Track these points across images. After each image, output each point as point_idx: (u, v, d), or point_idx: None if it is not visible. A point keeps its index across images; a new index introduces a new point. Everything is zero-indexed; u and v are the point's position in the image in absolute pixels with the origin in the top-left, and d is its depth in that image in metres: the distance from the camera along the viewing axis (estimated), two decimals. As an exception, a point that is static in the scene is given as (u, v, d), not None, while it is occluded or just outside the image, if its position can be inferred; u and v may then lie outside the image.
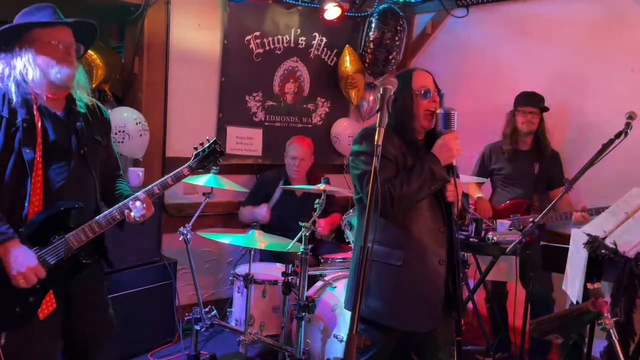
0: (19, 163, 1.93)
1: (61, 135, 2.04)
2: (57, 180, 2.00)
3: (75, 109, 2.10)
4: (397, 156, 2.15)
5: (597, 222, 2.63)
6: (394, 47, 4.44)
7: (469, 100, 4.59)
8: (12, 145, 1.92)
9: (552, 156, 3.71)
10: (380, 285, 2.11)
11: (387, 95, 1.56)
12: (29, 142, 1.94)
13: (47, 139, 1.99)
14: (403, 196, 2.05)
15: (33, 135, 1.95)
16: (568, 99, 3.86)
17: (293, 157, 4.01)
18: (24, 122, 1.94)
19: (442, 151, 2.12)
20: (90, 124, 2.14)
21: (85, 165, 2.09)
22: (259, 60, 4.24)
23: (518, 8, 4.20)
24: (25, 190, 1.93)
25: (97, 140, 2.16)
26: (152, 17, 3.71)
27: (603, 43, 3.71)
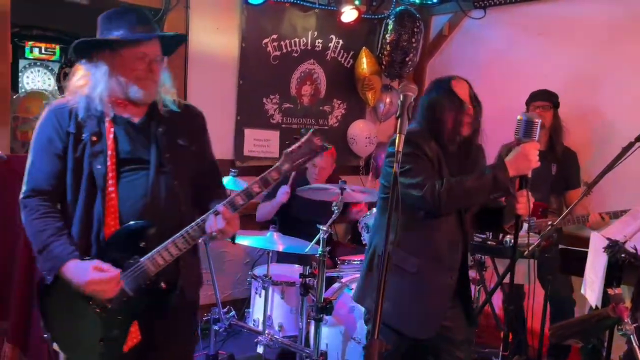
0: (91, 180, 1.76)
1: (137, 144, 1.82)
2: (134, 196, 1.78)
3: (158, 113, 1.85)
4: (433, 159, 2.14)
5: (617, 226, 2.62)
6: (410, 49, 4.44)
7: (486, 101, 4.51)
8: (82, 162, 1.76)
9: (570, 156, 3.68)
10: (393, 289, 2.12)
11: (408, 102, 1.58)
12: (99, 155, 1.76)
13: (120, 149, 1.78)
14: (454, 196, 2.02)
15: (103, 148, 1.76)
16: (586, 99, 3.83)
17: (314, 165, 4.03)
18: (93, 136, 1.76)
19: (520, 160, 2.03)
20: (175, 129, 1.87)
21: (167, 176, 1.83)
22: (276, 63, 4.27)
23: (536, 9, 4.17)
24: (99, 209, 1.75)
25: (183, 146, 1.88)
26: (172, 22, 3.75)
27: (621, 44, 3.67)
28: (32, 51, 6.49)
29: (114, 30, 1.76)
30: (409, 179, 2.05)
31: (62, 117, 1.77)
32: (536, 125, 2.03)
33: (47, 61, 6.97)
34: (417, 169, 2.06)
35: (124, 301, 1.76)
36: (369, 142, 4.67)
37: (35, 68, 7.11)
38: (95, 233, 1.77)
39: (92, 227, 1.77)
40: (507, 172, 2.02)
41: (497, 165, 2.06)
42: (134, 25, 1.76)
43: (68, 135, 1.76)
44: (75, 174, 1.76)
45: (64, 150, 1.76)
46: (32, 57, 6.65)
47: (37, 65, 7.00)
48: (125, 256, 1.76)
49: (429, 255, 2.15)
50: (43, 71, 7.13)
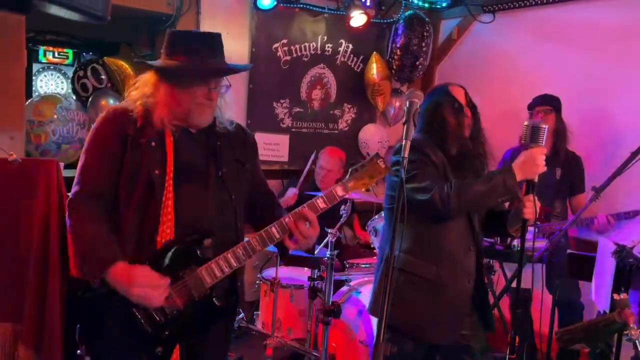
0: (148, 186, 1.70)
1: (196, 154, 1.79)
2: (191, 205, 1.74)
3: (214, 128, 1.83)
4: (439, 165, 2.16)
5: (624, 230, 2.63)
6: (420, 53, 4.46)
7: (494, 105, 4.57)
8: (140, 167, 1.70)
9: (574, 160, 3.67)
10: (410, 296, 2.14)
11: (414, 109, 1.60)
12: (158, 162, 1.71)
13: (179, 158, 1.74)
14: (463, 198, 2.03)
15: (163, 154, 1.72)
16: (594, 104, 3.83)
17: (321, 167, 4.07)
18: (152, 141, 1.72)
19: (527, 165, 2.05)
20: (231, 145, 1.86)
21: (224, 189, 1.80)
22: (286, 68, 4.31)
23: (544, 14, 4.18)
24: (155, 216, 1.69)
25: (240, 162, 1.88)
26: (183, 27, 3.79)
27: (629, 49, 3.67)
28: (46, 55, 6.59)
29: (182, 53, 1.73)
30: (416, 183, 2.07)
31: (121, 120, 1.73)
32: (543, 131, 2.04)
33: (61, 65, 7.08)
34: (423, 174, 2.08)
35: (173, 316, 1.68)
36: (382, 146, 4.70)
37: (48, 72, 7.21)
38: (149, 241, 1.70)
39: (146, 234, 1.71)
40: (514, 176, 2.04)
41: (505, 169, 2.07)
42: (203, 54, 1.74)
43: (127, 138, 1.71)
44: (132, 179, 1.71)
45: (122, 153, 1.71)
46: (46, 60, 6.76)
47: (51, 69, 7.10)
48: (180, 266, 1.69)
49: (444, 261, 2.16)
50: (56, 75, 7.23)
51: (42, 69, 7.03)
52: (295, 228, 1.74)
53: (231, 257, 1.72)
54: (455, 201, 2.02)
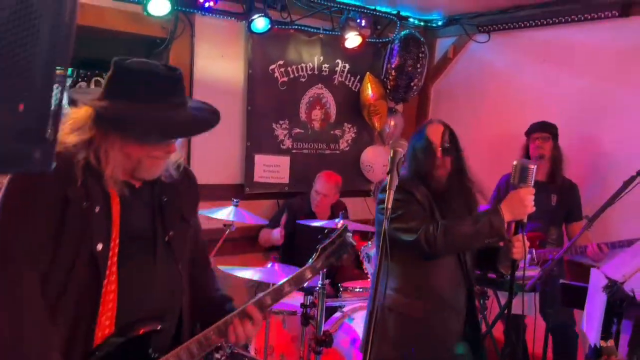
0: (87, 264, 1.36)
1: (142, 217, 1.49)
2: (137, 287, 1.45)
3: (160, 178, 1.52)
4: (424, 204, 2.17)
5: (616, 263, 2.61)
6: (415, 74, 4.46)
7: (489, 125, 4.58)
8: (79, 239, 1.36)
9: (570, 187, 3.66)
10: (398, 334, 2.13)
11: (397, 159, 1.60)
12: (102, 234, 1.38)
13: (125, 226, 1.42)
14: (449, 240, 2.05)
15: (108, 223, 1.39)
16: (591, 128, 3.82)
17: (317, 192, 4.07)
18: (97, 206, 1.38)
19: (515, 205, 2.05)
20: (177, 198, 1.56)
21: (171, 257, 1.52)
22: (284, 89, 4.31)
23: (540, 35, 4.17)
24: (94, 304, 1.37)
25: (185, 220, 1.59)
26: (177, 50, 3.81)
27: (627, 73, 3.66)
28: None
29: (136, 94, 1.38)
30: (402, 224, 2.09)
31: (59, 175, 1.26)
32: (531, 171, 2.04)
33: (58, 76, 7.10)
34: (409, 214, 2.10)
35: None
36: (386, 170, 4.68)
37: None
38: (84, 335, 1.37)
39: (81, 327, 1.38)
40: (502, 218, 2.04)
41: (493, 210, 2.08)
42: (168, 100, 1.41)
43: (66, 202, 1.34)
44: (70, 256, 1.35)
45: (60, 221, 1.34)
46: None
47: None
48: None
49: (433, 298, 2.17)
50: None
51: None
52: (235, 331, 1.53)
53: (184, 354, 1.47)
54: (441, 242, 2.03)
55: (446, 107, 4.99)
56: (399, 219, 2.10)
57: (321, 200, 4.09)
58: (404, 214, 2.10)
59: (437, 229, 2.03)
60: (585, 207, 3.57)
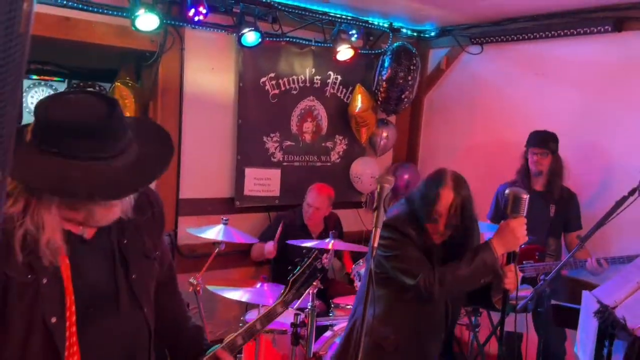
0: (42, 340, 1.26)
1: (99, 273, 1.37)
2: (101, 345, 1.36)
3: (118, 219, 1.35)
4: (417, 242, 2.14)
5: (608, 286, 2.59)
6: (406, 87, 4.43)
7: (482, 137, 4.57)
8: (29, 317, 1.24)
9: (569, 197, 3.65)
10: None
11: (384, 194, 1.56)
12: (54, 306, 1.26)
13: (79, 288, 1.29)
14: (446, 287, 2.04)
15: (60, 292, 1.27)
16: (586, 140, 3.80)
17: (309, 204, 4.04)
18: (43, 278, 1.24)
19: (507, 237, 2.03)
20: (139, 234, 1.44)
21: (135, 303, 1.42)
22: (275, 101, 4.27)
23: (533, 48, 4.15)
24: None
25: (151, 258, 1.48)
26: (167, 63, 3.77)
27: (619, 87, 3.65)
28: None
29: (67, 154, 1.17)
30: (401, 264, 2.09)
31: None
32: (524, 201, 2.02)
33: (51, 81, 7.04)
34: (405, 255, 2.09)
35: None
36: (375, 181, 4.67)
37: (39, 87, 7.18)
38: None
39: None
40: (494, 254, 2.03)
41: (484, 247, 2.05)
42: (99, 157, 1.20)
43: (6, 279, 1.22)
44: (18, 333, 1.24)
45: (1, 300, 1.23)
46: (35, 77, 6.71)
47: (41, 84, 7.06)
48: None
49: (410, 336, 2.17)
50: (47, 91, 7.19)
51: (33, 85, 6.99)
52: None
53: None
54: (439, 291, 2.03)
55: (439, 118, 4.97)
56: (396, 259, 2.09)
57: (313, 213, 4.06)
58: (401, 255, 2.09)
59: (434, 277, 2.02)
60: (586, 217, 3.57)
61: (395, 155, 5.15)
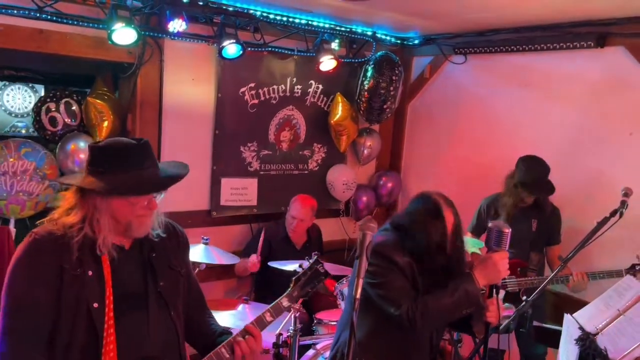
0: (86, 321, 1.61)
1: (133, 275, 1.73)
2: (134, 335, 1.68)
3: (148, 237, 1.76)
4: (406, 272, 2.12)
5: (590, 311, 2.58)
6: (389, 97, 4.39)
7: (465, 147, 4.56)
8: (78, 302, 1.61)
9: (552, 211, 3.65)
10: None
11: (367, 242, 1.53)
12: (96, 294, 1.63)
13: (117, 285, 1.67)
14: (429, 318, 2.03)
15: (101, 284, 1.64)
16: (566, 154, 3.80)
17: (293, 217, 3.99)
18: (90, 271, 1.63)
19: (489, 270, 2.04)
20: (165, 252, 1.80)
21: (164, 305, 1.75)
22: (254, 111, 4.21)
23: (517, 59, 4.14)
24: (97, 353, 1.60)
25: (175, 270, 1.82)
26: (146, 75, 3.68)
27: (602, 103, 3.66)
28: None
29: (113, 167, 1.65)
30: (384, 291, 2.07)
31: (54, 248, 1.61)
32: (506, 235, 2.02)
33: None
34: (390, 283, 2.07)
35: None
36: (347, 188, 4.63)
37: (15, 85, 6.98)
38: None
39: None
40: (476, 285, 2.02)
41: (467, 278, 2.04)
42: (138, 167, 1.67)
43: (62, 270, 1.60)
44: (70, 315, 1.60)
45: (58, 287, 1.60)
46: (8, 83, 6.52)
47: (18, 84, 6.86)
48: None
49: (396, 357, 2.13)
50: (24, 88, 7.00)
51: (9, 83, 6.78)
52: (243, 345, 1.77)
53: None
54: (421, 323, 2.02)
55: (423, 127, 4.95)
56: (380, 286, 2.07)
57: (298, 225, 4.02)
58: (386, 283, 2.07)
59: (417, 309, 2.00)
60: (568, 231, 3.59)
61: (379, 164, 5.12)
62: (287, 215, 4.07)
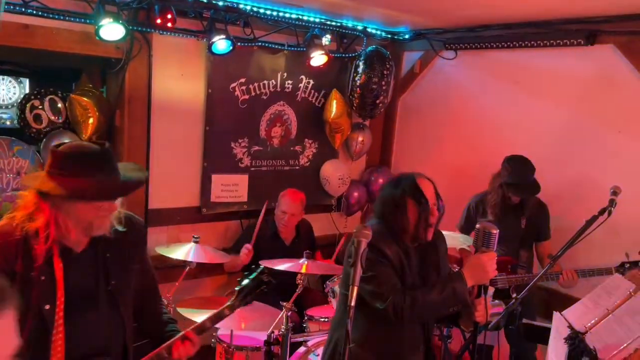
0: (37, 321, 1.71)
1: (86, 277, 1.82)
2: (82, 334, 1.79)
3: (103, 237, 1.82)
4: (395, 263, 2.11)
5: (579, 309, 2.61)
6: (380, 92, 4.39)
7: (455, 142, 4.57)
8: (29, 303, 1.69)
9: (540, 208, 3.68)
10: None
11: (361, 250, 1.52)
12: (48, 296, 1.72)
13: (68, 286, 1.74)
14: (416, 312, 2.03)
15: (53, 286, 1.72)
16: (554, 153, 3.82)
17: (283, 212, 3.98)
18: (42, 275, 1.71)
19: (477, 271, 2.05)
20: (121, 250, 1.88)
21: (113, 304, 1.86)
22: (244, 107, 4.17)
23: (507, 56, 4.14)
24: (45, 349, 1.71)
25: (129, 268, 1.91)
26: (134, 70, 3.63)
27: (592, 101, 3.67)
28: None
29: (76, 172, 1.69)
30: (372, 286, 2.04)
31: (8, 252, 1.68)
32: (494, 236, 2.04)
33: (14, 75, 6.71)
34: (379, 277, 2.04)
35: None
36: (342, 183, 4.63)
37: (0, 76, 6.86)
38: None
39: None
40: (465, 284, 2.03)
41: (456, 276, 2.05)
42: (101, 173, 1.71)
43: (14, 275, 1.65)
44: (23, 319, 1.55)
45: None
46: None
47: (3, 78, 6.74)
48: None
49: (390, 353, 2.13)
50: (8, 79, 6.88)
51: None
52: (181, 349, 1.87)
53: None
54: (408, 315, 2.01)
55: (413, 122, 4.95)
56: (368, 280, 2.04)
57: (289, 220, 4.00)
58: (375, 276, 2.05)
59: (404, 301, 1.99)
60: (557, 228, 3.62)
61: (369, 159, 5.12)
62: (277, 210, 4.05)
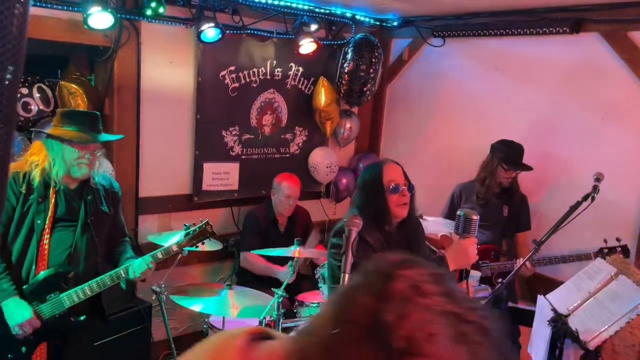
0: (30, 230, 2.43)
1: (71, 207, 2.53)
2: (63, 245, 2.51)
3: (89, 184, 2.59)
4: (376, 247, 2.16)
5: (561, 293, 2.70)
6: (368, 80, 4.41)
7: (442, 130, 4.62)
8: (26, 216, 2.42)
9: (521, 199, 3.76)
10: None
11: (352, 238, 1.57)
12: (41, 213, 2.44)
13: (57, 210, 2.48)
14: None
15: (46, 208, 2.45)
16: (539, 140, 3.88)
17: (287, 196, 3.99)
18: (39, 198, 2.44)
19: (459, 256, 2.13)
20: (100, 197, 2.63)
21: (89, 232, 2.57)
22: (234, 95, 4.18)
23: (494, 44, 4.19)
24: (34, 253, 2.43)
25: (104, 212, 2.65)
26: (123, 59, 3.62)
27: (576, 88, 3.73)
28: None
29: (68, 125, 2.51)
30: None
31: (17, 178, 2.43)
32: (474, 222, 2.10)
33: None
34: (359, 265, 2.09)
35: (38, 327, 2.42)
36: (330, 171, 4.66)
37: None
38: (27, 271, 2.46)
39: (26, 266, 2.46)
40: (447, 268, 2.09)
41: (439, 261, 2.11)
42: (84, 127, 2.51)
43: (20, 195, 2.43)
44: (19, 225, 2.44)
45: (15, 205, 2.43)
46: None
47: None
48: (47, 292, 2.46)
49: None
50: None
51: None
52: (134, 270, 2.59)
53: (87, 288, 2.50)
54: None
55: (401, 109, 4.99)
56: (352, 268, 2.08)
57: (292, 204, 4.05)
58: (358, 264, 2.09)
59: None
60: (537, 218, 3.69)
61: (358, 146, 5.16)
62: (278, 196, 4.05)
